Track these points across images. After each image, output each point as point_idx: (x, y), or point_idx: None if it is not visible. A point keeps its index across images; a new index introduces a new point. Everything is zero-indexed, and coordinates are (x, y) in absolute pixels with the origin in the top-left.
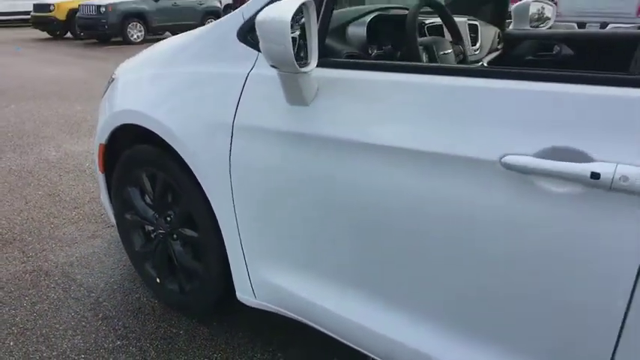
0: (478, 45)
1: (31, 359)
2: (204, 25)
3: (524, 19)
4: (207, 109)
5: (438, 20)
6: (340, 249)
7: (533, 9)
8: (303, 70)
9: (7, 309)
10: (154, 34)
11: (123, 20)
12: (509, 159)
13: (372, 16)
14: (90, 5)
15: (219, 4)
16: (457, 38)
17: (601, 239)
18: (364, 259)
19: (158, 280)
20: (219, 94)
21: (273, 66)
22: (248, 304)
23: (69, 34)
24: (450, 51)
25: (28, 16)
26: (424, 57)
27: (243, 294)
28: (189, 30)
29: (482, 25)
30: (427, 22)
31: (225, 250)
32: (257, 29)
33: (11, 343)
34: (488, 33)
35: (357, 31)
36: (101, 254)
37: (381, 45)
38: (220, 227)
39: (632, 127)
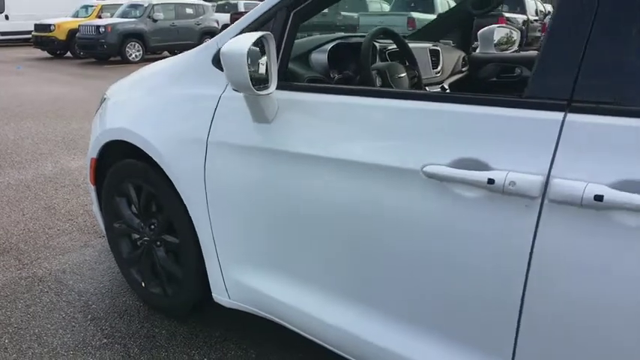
0: (439, 68)
1: (25, 355)
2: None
3: (489, 43)
4: (185, 126)
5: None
6: (302, 251)
7: (502, 33)
8: (262, 93)
9: (3, 311)
10: (152, 54)
11: (122, 40)
12: (429, 168)
13: (333, 43)
14: (89, 26)
15: (216, 25)
16: (412, 63)
17: (500, 236)
18: (322, 259)
19: (143, 284)
20: (196, 114)
21: (235, 89)
22: (223, 304)
23: (69, 54)
24: (403, 75)
25: (30, 36)
26: (378, 81)
27: (219, 295)
28: (187, 50)
29: (445, 50)
30: (389, 47)
31: (202, 254)
32: (221, 59)
33: (6, 341)
34: (452, 57)
35: (320, 57)
36: (92, 262)
37: (342, 70)
38: (197, 233)
39: (521, 141)
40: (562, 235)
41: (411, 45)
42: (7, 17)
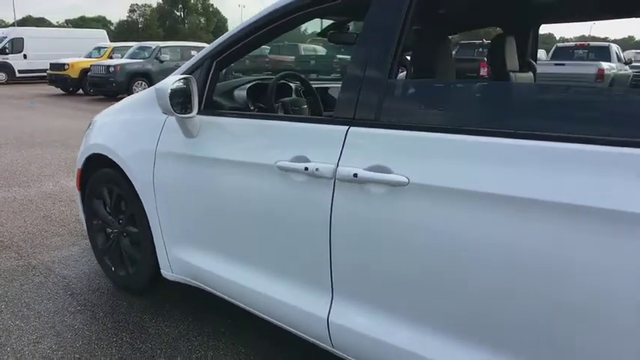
0: None
1: (16, 316)
2: None
3: None
4: (142, 141)
5: (319, 84)
6: (220, 232)
7: None
8: (183, 116)
9: (2, 288)
10: None
11: (129, 79)
12: (279, 163)
13: (252, 83)
14: (100, 65)
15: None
16: (312, 97)
17: (314, 203)
18: (233, 236)
19: (113, 268)
20: (149, 132)
21: (164, 113)
22: (168, 277)
23: (80, 91)
24: (304, 106)
25: (45, 74)
26: (281, 110)
27: (165, 270)
28: None
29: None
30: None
31: (153, 239)
32: (154, 92)
33: (3, 307)
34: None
35: (241, 93)
36: (77, 256)
37: (256, 103)
38: (149, 223)
39: (326, 143)
40: (344, 199)
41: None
42: (25, 56)
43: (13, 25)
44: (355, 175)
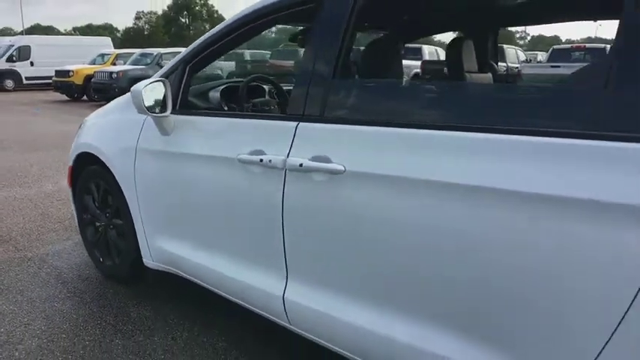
0: None
1: (10, 302)
2: None
3: None
4: (124, 139)
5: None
6: (193, 220)
7: None
8: (157, 115)
9: (0, 278)
10: None
11: (131, 84)
12: (240, 156)
13: (224, 86)
14: (103, 72)
15: (220, 72)
16: (283, 98)
17: (269, 191)
18: (205, 225)
19: (101, 259)
20: (131, 131)
21: (139, 112)
22: (149, 265)
23: (85, 97)
24: (274, 107)
25: (50, 81)
26: (251, 110)
27: (146, 259)
28: None
29: None
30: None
31: (135, 230)
32: (130, 94)
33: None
34: None
35: (215, 95)
36: (70, 249)
37: (229, 103)
38: (132, 214)
39: (279, 138)
40: (293, 187)
41: None
42: (32, 64)
43: (21, 33)
44: (301, 164)
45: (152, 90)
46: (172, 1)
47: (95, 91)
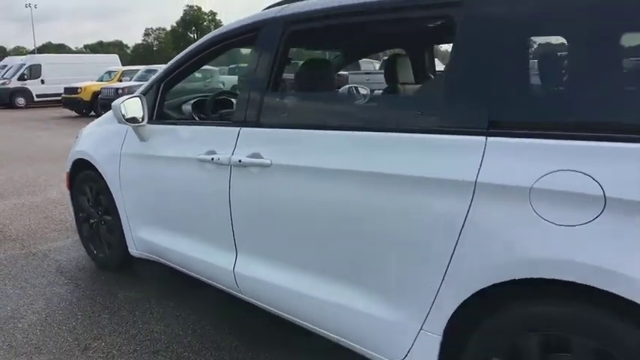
0: None
1: (17, 287)
2: None
3: None
4: (111, 146)
5: None
6: (165, 212)
7: None
8: (134, 125)
9: (7, 268)
10: None
11: None
12: (199, 156)
13: (196, 99)
14: (110, 88)
15: (222, 86)
16: None
17: (218, 183)
18: (175, 216)
19: (94, 251)
20: (116, 139)
21: (119, 123)
22: (134, 254)
23: (93, 113)
24: None
25: (60, 98)
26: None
27: (131, 249)
28: None
29: None
30: None
31: (122, 224)
32: (112, 108)
33: (7, 281)
34: None
35: (187, 107)
36: (69, 246)
37: (199, 114)
38: (118, 210)
39: (223, 140)
40: (235, 179)
41: None
42: (42, 82)
43: (33, 51)
44: (240, 160)
45: (131, 104)
46: (181, 18)
47: (102, 106)
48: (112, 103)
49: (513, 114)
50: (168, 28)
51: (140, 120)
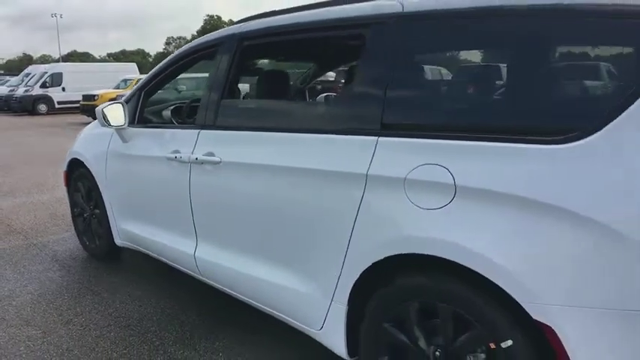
0: None
1: (17, 272)
2: None
3: None
4: (99, 147)
5: None
6: (141, 204)
7: None
8: (116, 127)
9: (9, 257)
10: None
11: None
12: (168, 155)
13: (174, 105)
14: (124, 95)
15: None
16: None
17: (180, 177)
18: (148, 208)
19: (87, 242)
20: (104, 140)
21: (102, 126)
22: (119, 244)
23: None
24: None
25: (78, 105)
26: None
27: (116, 239)
28: None
29: None
30: None
31: (108, 216)
32: (95, 113)
33: (7, 267)
34: None
35: (166, 112)
36: (67, 238)
37: (176, 118)
38: (105, 205)
39: (186, 141)
40: (194, 174)
41: None
42: (63, 89)
43: (58, 60)
44: (197, 158)
45: (114, 110)
46: (202, 27)
47: None
48: (96, 109)
49: (399, 118)
50: (189, 37)
51: (122, 123)
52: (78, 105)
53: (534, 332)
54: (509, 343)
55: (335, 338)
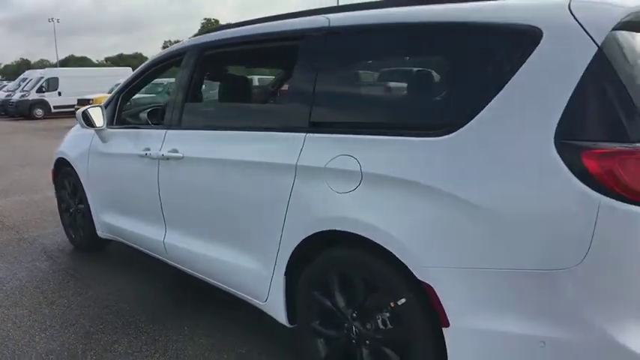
0: None
1: (5, 262)
2: None
3: None
4: (82, 146)
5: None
6: (118, 197)
7: None
8: (94, 128)
9: (1, 250)
10: None
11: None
12: (141, 152)
13: (150, 108)
14: None
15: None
16: None
17: (151, 172)
18: (124, 200)
19: (73, 235)
20: (86, 140)
21: (82, 127)
22: (100, 236)
23: None
24: None
25: (74, 109)
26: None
27: (98, 231)
28: None
29: None
30: None
31: (91, 211)
32: (76, 116)
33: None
34: None
35: (143, 115)
36: (56, 233)
37: (152, 120)
38: (88, 200)
39: (154, 139)
40: (162, 169)
41: None
42: (59, 94)
43: (55, 64)
44: (163, 155)
45: (94, 113)
46: (199, 31)
47: None
48: (76, 112)
49: (323, 117)
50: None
51: (100, 125)
52: (72, 109)
53: (422, 292)
54: (403, 300)
55: (277, 308)
